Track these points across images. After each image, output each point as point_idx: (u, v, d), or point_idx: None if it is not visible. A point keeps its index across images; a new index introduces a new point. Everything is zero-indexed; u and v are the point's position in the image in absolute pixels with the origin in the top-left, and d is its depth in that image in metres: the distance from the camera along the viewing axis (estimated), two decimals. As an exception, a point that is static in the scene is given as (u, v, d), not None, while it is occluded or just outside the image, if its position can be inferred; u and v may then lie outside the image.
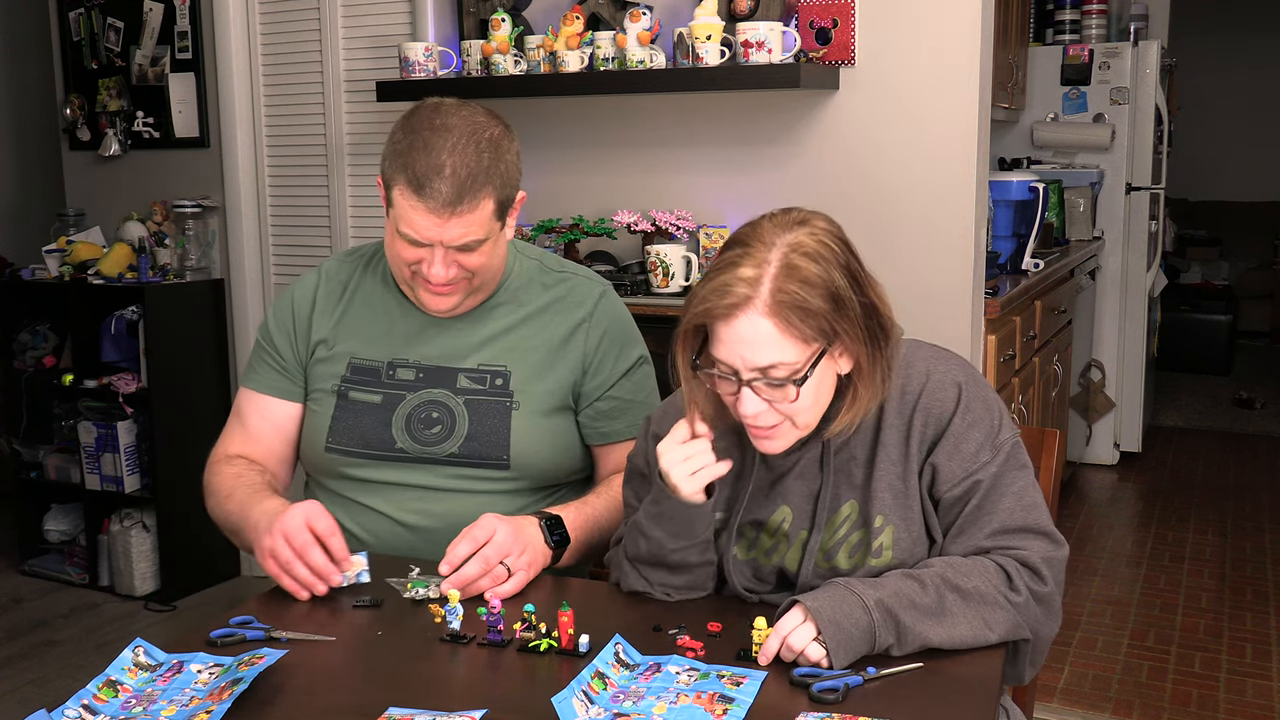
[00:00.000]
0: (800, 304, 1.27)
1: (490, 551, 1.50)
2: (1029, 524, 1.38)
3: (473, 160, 1.57)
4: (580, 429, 1.79)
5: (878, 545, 1.39)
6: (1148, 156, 4.81)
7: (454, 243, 1.60)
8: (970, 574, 1.33)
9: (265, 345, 1.82)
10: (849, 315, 1.30)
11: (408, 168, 1.57)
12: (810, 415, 1.35)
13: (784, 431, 1.35)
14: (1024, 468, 1.41)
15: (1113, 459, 5.00)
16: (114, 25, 3.88)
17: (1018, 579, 1.33)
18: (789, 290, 1.27)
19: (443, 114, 1.61)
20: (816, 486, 1.42)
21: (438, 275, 1.62)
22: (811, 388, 1.32)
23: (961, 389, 1.41)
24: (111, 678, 1.27)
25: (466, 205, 1.57)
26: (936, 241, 2.78)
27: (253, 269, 3.75)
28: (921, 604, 1.29)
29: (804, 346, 1.29)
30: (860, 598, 1.28)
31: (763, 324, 1.27)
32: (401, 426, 1.72)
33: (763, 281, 1.27)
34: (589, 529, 1.67)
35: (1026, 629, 1.34)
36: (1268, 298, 7.88)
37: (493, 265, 1.70)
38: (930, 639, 1.29)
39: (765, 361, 1.28)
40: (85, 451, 3.72)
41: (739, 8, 2.85)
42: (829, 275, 1.29)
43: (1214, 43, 7.83)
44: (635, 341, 1.82)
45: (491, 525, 1.52)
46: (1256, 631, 3.33)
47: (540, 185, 3.24)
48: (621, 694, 1.21)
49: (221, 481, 1.74)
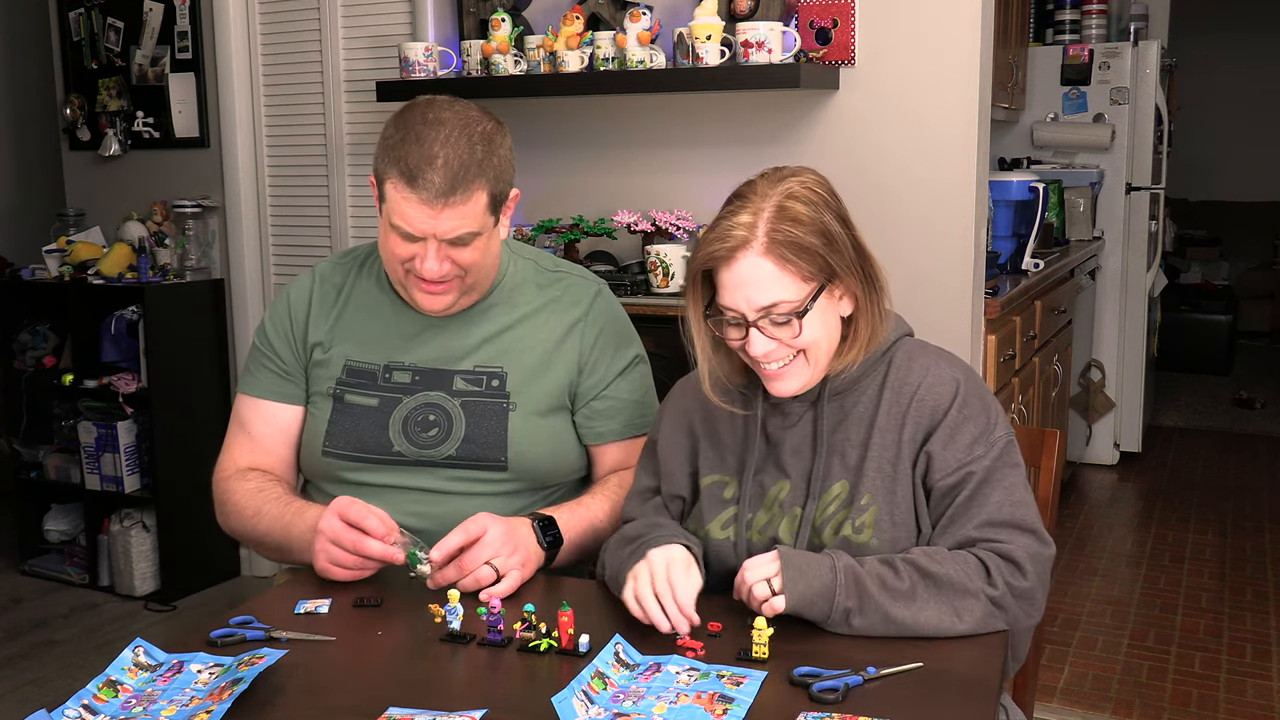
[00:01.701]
0: (794, 240, 1.37)
1: (480, 550, 1.51)
2: (1016, 519, 1.40)
3: (465, 152, 1.58)
4: (576, 429, 1.79)
5: (860, 523, 1.42)
6: (1148, 156, 4.81)
7: (447, 235, 1.59)
8: (945, 562, 1.36)
9: (264, 350, 1.80)
10: (842, 253, 1.40)
11: (401, 160, 1.58)
12: (820, 351, 1.43)
13: (796, 371, 1.43)
14: (1016, 466, 1.44)
15: (1113, 459, 5.00)
16: (114, 25, 3.88)
17: (996, 573, 1.36)
18: (783, 229, 1.37)
19: (435, 109, 1.62)
20: (811, 462, 1.47)
21: (431, 270, 1.61)
22: (816, 321, 1.40)
23: (960, 385, 1.45)
24: (111, 678, 1.27)
25: (460, 196, 1.57)
26: (936, 241, 2.78)
27: (253, 269, 3.75)
28: (891, 583, 1.34)
29: (803, 284, 1.39)
30: (831, 559, 1.35)
31: (762, 264, 1.37)
32: (399, 430, 1.71)
33: (759, 225, 1.38)
34: (584, 530, 1.67)
35: (1002, 621, 1.36)
36: (1268, 298, 7.88)
37: (486, 264, 1.69)
38: (893, 615, 1.33)
39: (768, 300, 1.38)
40: (85, 451, 3.72)
41: (739, 8, 2.85)
42: (820, 216, 1.40)
43: (1214, 43, 7.83)
44: (631, 341, 1.82)
45: (484, 523, 1.53)
46: (1256, 631, 3.33)
47: (540, 185, 3.24)
48: (621, 694, 1.21)
49: (242, 499, 1.72)
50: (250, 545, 1.76)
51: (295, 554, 1.64)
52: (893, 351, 1.50)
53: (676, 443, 1.58)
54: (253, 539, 1.72)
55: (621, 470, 1.78)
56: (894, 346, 1.50)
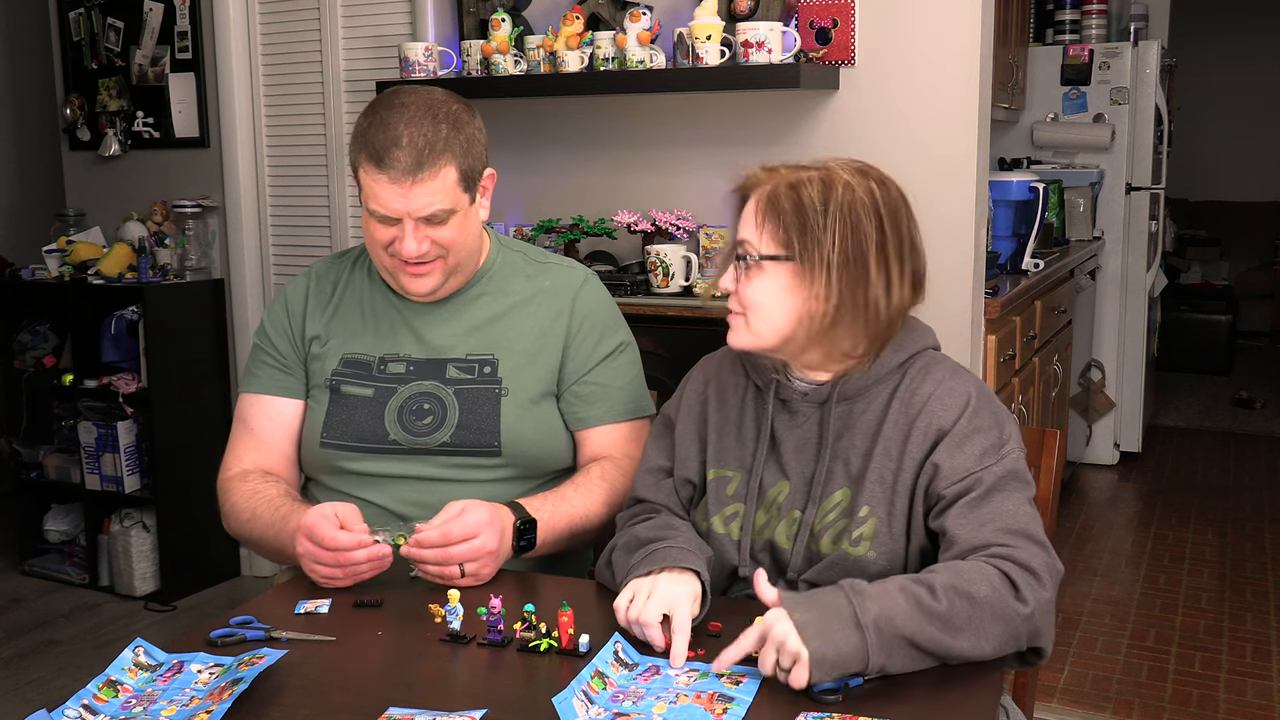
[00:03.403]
0: (777, 208, 1.41)
1: (465, 551, 1.51)
2: (1029, 531, 1.34)
3: (429, 130, 1.63)
4: (562, 415, 1.81)
5: (857, 535, 1.40)
6: (1148, 156, 4.81)
7: (421, 213, 1.64)
8: (980, 584, 1.26)
9: (264, 347, 1.83)
10: (817, 247, 1.39)
11: (369, 145, 1.63)
12: (758, 300, 1.43)
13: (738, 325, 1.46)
14: (1027, 485, 1.40)
15: (1113, 459, 5.00)
16: (114, 25, 3.88)
17: (1024, 588, 1.27)
18: (781, 193, 1.41)
19: (400, 95, 1.68)
20: (814, 466, 1.46)
21: (410, 250, 1.65)
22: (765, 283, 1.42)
23: (971, 398, 1.43)
24: (111, 678, 1.27)
25: (428, 173, 1.62)
26: (937, 242, 2.74)
27: (253, 269, 3.75)
28: (924, 634, 1.22)
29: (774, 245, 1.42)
30: (855, 612, 1.21)
31: (749, 206, 1.45)
32: (394, 419, 1.74)
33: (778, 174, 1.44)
34: (562, 529, 1.67)
35: (1024, 640, 1.28)
36: (1268, 298, 7.87)
37: (467, 244, 1.73)
38: (928, 651, 1.24)
39: (741, 236, 1.45)
40: (85, 451, 3.72)
41: (739, 8, 2.85)
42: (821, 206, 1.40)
43: (1214, 43, 7.83)
44: (617, 329, 1.84)
45: (475, 524, 1.52)
46: (1256, 631, 3.33)
47: (540, 185, 3.24)
48: (621, 694, 1.21)
49: (238, 501, 1.73)
50: (251, 549, 1.78)
51: (289, 559, 1.65)
52: (910, 364, 1.47)
53: (692, 427, 1.57)
54: (250, 542, 1.74)
55: (603, 459, 1.78)
56: (913, 359, 1.47)
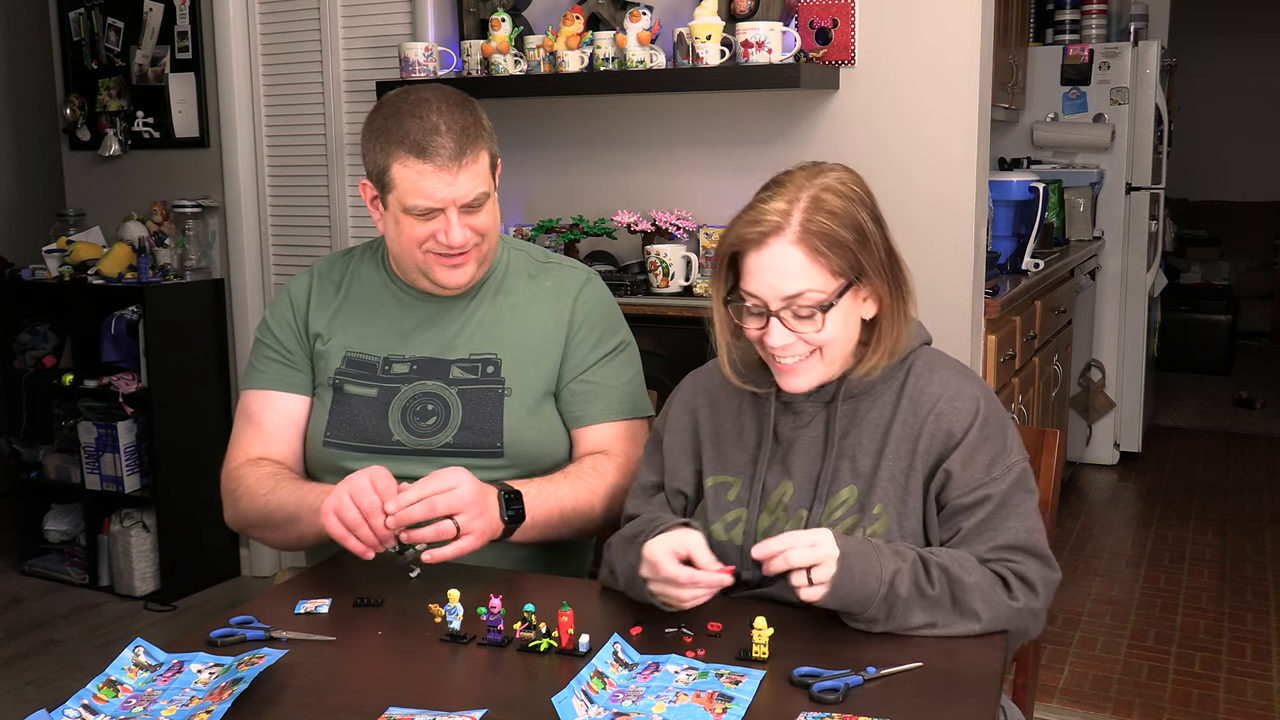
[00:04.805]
0: (828, 233, 1.36)
1: (443, 501, 1.48)
2: (1029, 545, 1.41)
3: (460, 116, 1.65)
4: (560, 413, 1.80)
5: (871, 532, 1.41)
6: (1148, 156, 4.81)
7: (465, 199, 1.64)
8: (973, 571, 1.36)
9: (268, 343, 1.82)
10: (873, 252, 1.39)
11: (404, 139, 1.63)
12: (837, 350, 1.42)
13: (810, 367, 1.42)
14: (1031, 493, 1.45)
15: (1113, 459, 5.00)
16: (114, 25, 3.88)
17: (1017, 589, 1.38)
18: (818, 220, 1.36)
19: (414, 92, 1.69)
20: (819, 465, 1.46)
21: (456, 238, 1.65)
22: (838, 319, 1.39)
23: (981, 405, 1.45)
24: (111, 678, 1.27)
25: (469, 157, 1.64)
26: (936, 241, 2.78)
27: (253, 269, 3.75)
28: (918, 612, 1.33)
29: (830, 278, 1.38)
30: (879, 572, 1.30)
31: (792, 252, 1.36)
32: (397, 419, 1.73)
33: (793, 213, 1.37)
34: (549, 511, 1.65)
35: (1013, 628, 1.38)
36: (1268, 298, 7.87)
37: (496, 229, 1.75)
38: (911, 625, 1.33)
39: (793, 290, 1.36)
40: (85, 451, 3.72)
41: (739, 8, 2.85)
42: (855, 211, 1.39)
43: (1214, 43, 7.83)
44: (617, 329, 1.84)
45: (457, 478, 1.51)
46: (1256, 631, 3.33)
47: (540, 185, 3.25)
48: (621, 693, 1.21)
49: (255, 481, 1.71)
50: (257, 529, 1.73)
51: (304, 523, 1.62)
52: (912, 359, 1.48)
53: (681, 439, 1.57)
54: (263, 515, 1.69)
55: (597, 455, 1.77)
56: (913, 354, 1.49)
